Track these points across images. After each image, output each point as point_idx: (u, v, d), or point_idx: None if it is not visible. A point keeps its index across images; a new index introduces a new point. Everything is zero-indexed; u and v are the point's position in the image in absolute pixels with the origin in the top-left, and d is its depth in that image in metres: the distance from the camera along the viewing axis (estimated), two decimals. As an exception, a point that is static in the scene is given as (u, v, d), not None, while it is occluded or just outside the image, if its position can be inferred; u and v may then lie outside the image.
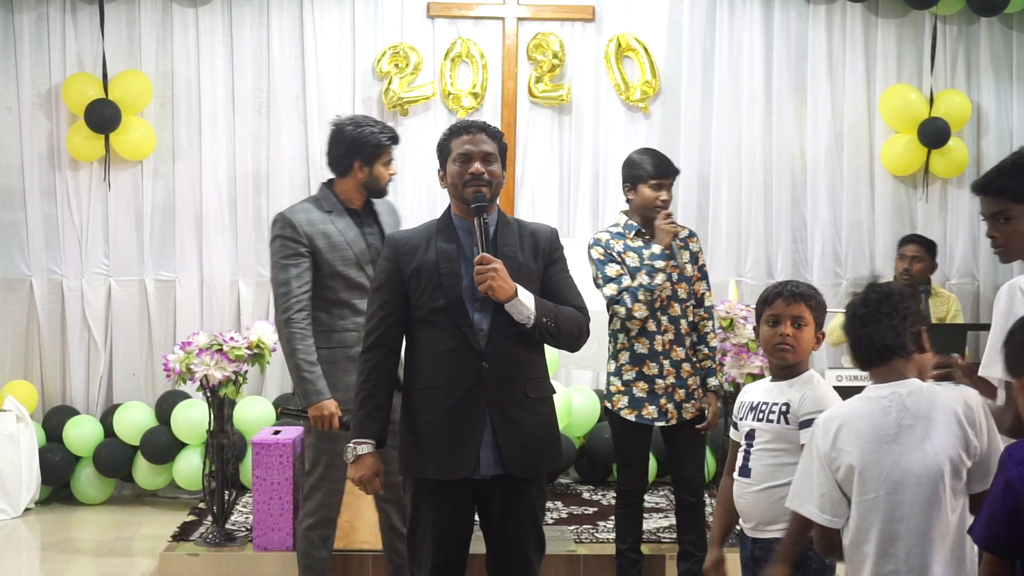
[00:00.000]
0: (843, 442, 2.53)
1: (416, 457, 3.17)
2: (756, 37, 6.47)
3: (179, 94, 6.34)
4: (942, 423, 2.46)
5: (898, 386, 2.53)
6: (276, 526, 4.82)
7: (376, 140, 3.99)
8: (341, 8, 6.35)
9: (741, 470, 3.07)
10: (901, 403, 2.50)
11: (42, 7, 6.26)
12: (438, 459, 3.12)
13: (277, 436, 4.90)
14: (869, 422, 2.52)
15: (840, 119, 6.53)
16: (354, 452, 3.21)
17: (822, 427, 2.60)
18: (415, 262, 3.20)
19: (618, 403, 4.33)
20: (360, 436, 3.21)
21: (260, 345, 4.93)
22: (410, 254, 3.21)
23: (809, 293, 3.09)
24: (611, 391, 4.37)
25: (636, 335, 4.29)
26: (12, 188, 6.29)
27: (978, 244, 6.59)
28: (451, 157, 3.27)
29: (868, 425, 2.52)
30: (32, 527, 5.79)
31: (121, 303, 6.34)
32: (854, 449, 2.51)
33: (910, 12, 6.49)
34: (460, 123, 3.32)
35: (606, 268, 4.33)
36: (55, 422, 6.17)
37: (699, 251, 4.41)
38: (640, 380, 4.28)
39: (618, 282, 4.28)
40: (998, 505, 2.21)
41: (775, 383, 3.08)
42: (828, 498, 2.56)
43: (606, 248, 4.35)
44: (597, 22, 6.38)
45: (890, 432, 2.49)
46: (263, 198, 6.36)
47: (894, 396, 2.52)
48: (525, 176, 6.42)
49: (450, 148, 3.28)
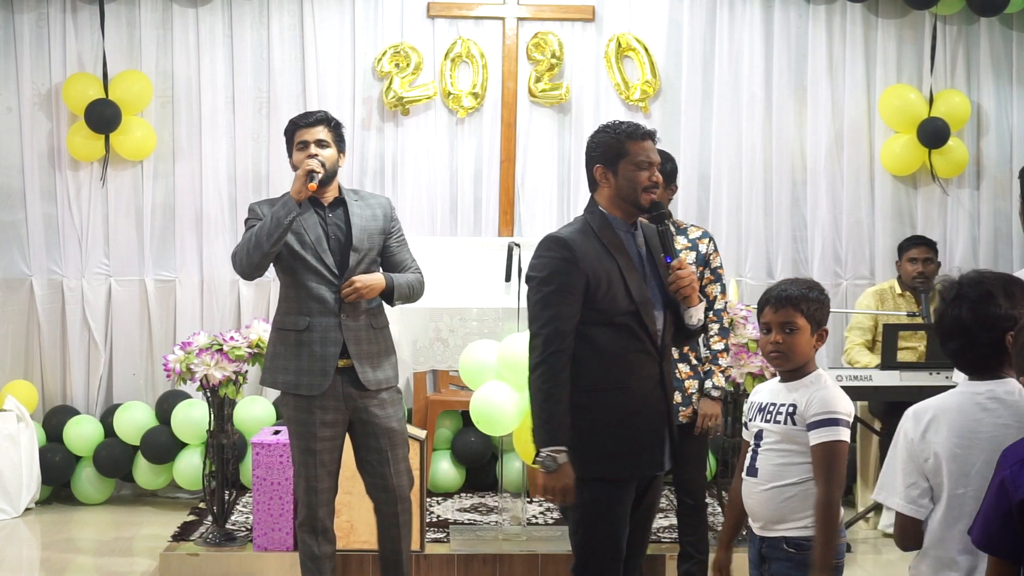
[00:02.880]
0: (933, 433, 2.52)
1: (606, 458, 3.17)
2: (756, 37, 6.47)
3: (179, 94, 6.34)
4: None
5: (997, 384, 2.53)
6: (276, 526, 4.82)
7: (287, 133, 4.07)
8: (341, 8, 6.36)
9: (748, 469, 3.07)
10: (999, 402, 2.50)
11: (42, 7, 6.26)
12: (633, 459, 3.18)
13: (277, 436, 4.90)
14: (964, 416, 2.51)
15: (840, 119, 6.53)
16: (555, 461, 3.08)
17: (912, 417, 2.57)
18: (595, 265, 3.18)
19: None
20: (557, 443, 3.09)
21: (260, 345, 4.92)
22: (587, 257, 3.18)
23: (800, 295, 3.02)
24: None
25: None
26: (12, 188, 6.29)
27: (978, 244, 6.60)
28: (629, 160, 3.25)
29: (962, 419, 2.51)
30: (32, 527, 5.79)
31: (121, 303, 6.34)
32: (944, 441, 2.50)
33: (910, 12, 6.50)
34: (638, 128, 3.32)
35: None
36: (55, 422, 6.18)
37: (711, 252, 4.31)
38: None
39: None
40: (992, 506, 2.23)
41: (783, 384, 3.07)
42: (916, 487, 2.55)
43: None
44: (597, 22, 6.39)
45: (984, 430, 2.48)
46: (263, 198, 6.34)
47: (991, 394, 2.51)
48: (525, 176, 6.42)
49: (627, 151, 3.26)
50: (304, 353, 3.91)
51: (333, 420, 3.94)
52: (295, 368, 3.92)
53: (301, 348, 3.91)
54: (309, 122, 4.00)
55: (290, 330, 3.94)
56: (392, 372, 4.06)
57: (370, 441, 4.00)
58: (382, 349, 4.04)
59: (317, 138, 3.97)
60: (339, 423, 3.96)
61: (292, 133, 4.03)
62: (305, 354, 3.91)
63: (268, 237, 3.85)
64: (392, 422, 4.01)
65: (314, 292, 3.92)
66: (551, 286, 3.16)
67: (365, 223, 4.01)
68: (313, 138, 3.97)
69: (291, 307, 3.96)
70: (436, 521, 5.34)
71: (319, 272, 3.92)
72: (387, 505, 4.04)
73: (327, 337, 3.91)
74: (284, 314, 3.98)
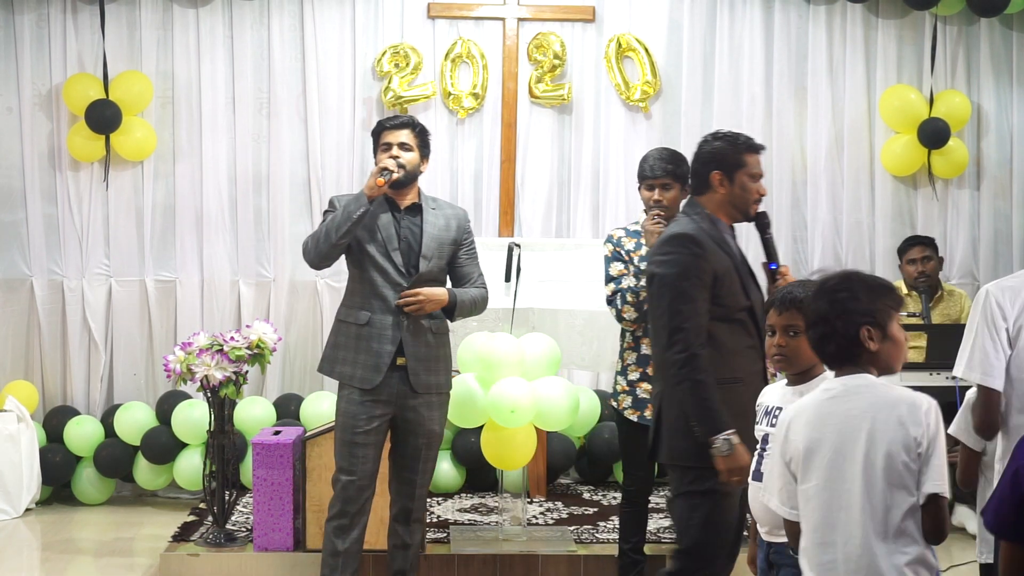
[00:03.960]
0: (793, 432, 2.59)
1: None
2: (756, 37, 6.47)
3: (179, 94, 6.34)
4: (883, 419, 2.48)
5: (852, 379, 2.56)
6: (276, 526, 4.82)
7: (374, 134, 4.20)
8: (341, 8, 6.36)
9: (754, 474, 3.07)
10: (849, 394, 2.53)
11: (43, 8, 6.26)
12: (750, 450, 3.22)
13: (277, 436, 4.91)
14: (816, 411, 2.57)
15: (840, 119, 6.53)
16: (731, 444, 3.26)
17: (780, 422, 2.66)
18: (720, 263, 3.40)
19: (623, 403, 4.34)
20: (724, 428, 3.28)
21: (260, 345, 4.93)
22: (713, 254, 3.40)
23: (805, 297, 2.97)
24: (616, 390, 4.37)
25: (642, 335, 4.28)
26: (13, 188, 6.29)
27: (978, 244, 6.60)
28: (745, 171, 3.49)
29: (815, 414, 2.57)
30: (32, 527, 5.79)
31: (121, 303, 6.34)
32: (800, 438, 2.56)
33: (910, 12, 6.49)
34: (753, 141, 3.57)
35: (609, 266, 4.33)
36: (56, 422, 6.17)
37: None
38: (644, 381, 4.27)
39: (617, 282, 4.28)
40: (1006, 492, 2.31)
41: (789, 387, 3.07)
42: (786, 491, 2.61)
43: (616, 245, 4.35)
44: (597, 22, 6.39)
45: (833, 422, 2.53)
46: (263, 198, 6.36)
47: (844, 386, 2.55)
48: (525, 176, 6.41)
49: (744, 162, 3.50)
50: (362, 347, 4.03)
51: (381, 414, 4.05)
52: (352, 360, 4.04)
53: (360, 342, 4.03)
54: (395, 124, 4.13)
55: (351, 323, 4.06)
56: (445, 378, 4.18)
57: (409, 438, 4.12)
58: (440, 354, 4.15)
59: (400, 141, 4.09)
60: (385, 419, 4.07)
61: (379, 134, 4.15)
62: (363, 348, 4.03)
63: (337, 230, 3.96)
64: (435, 424, 4.14)
65: (378, 290, 4.03)
66: (688, 281, 3.34)
67: (438, 232, 4.12)
68: (396, 140, 4.09)
69: (355, 301, 4.08)
70: (436, 521, 5.34)
71: (385, 271, 4.03)
72: (406, 499, 4.16)
73: (385, 335, 4.02)
74: (348, 307, 4.10)
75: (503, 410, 4.51)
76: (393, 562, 4.23)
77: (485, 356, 4.59)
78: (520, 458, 4.75)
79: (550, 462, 5.95)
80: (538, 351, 4.72)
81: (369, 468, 4.06)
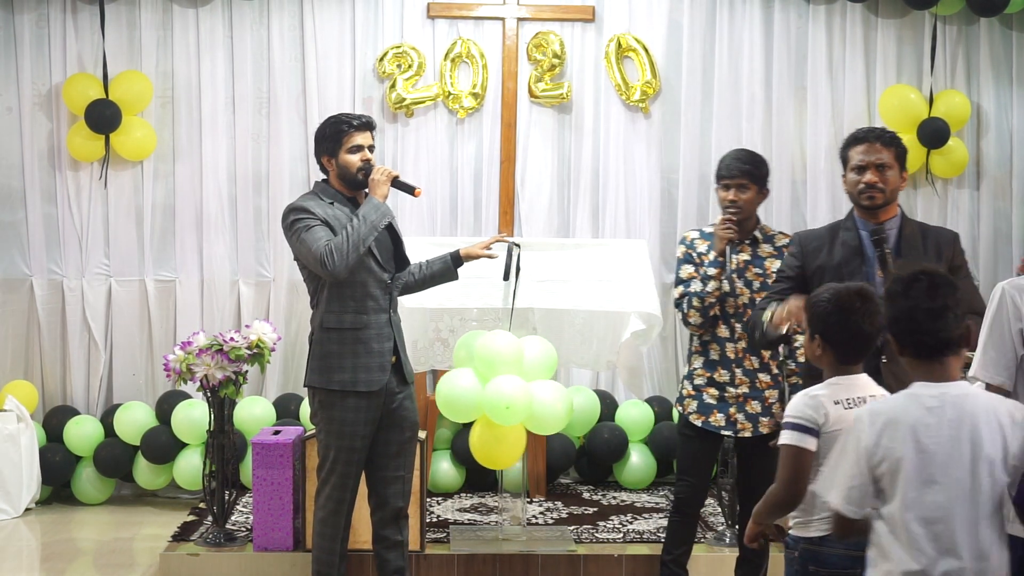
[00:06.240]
0: (889, 438, 2.53)
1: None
2: (756, 37, 6.47)
3: (179, 94, 6.34)
4: (986, 429, 2.50)
5: (948, 387, 2.55)
6: (276, 526, 4.82)
7: (334, 130, 4.07)
8: (341, 8, 6.36)
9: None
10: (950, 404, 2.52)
11: (43, 7, 6.26)
12: None
13: (277, 436, 4.91)
14: (916, 421, 2.53)
15: (840, 119, 6.53)
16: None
17: (867, 420, 2.58)
18: (819, 260, 3.59)
19: (688, 407, 4.25)
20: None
21: (260, 345, 4.93)
22: (816, 252, 3.56)
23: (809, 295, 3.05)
24: (682, 394, 4.30)
25: (709, 340, 4.22)
26: (12, 188, 6.29)
27: (978, 243, 6.60)
28: (849, 166, 3.59)
29: (915, 424, 2.52)
30: (32, 527, 5.79)
31: (121, 303, 6.34)
32: (899, 446, 2.51)
33: (910, 12, 6.49)
34: (858, 132, 3.65)
35: (680, 269, 4.27)
36: (55, 422, 6.18)
37: None
38: (710, 386, 4.21)
39: (686, 285, 4.21)
40: None
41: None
42: (857, 490, 2.56)
43: (688, 247, 4.28)
44: (597, 22, 6.39)
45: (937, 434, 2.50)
46: (263, 198, 6.37)
47: (944, 397, 2.53)
48: (525, 176, 6.41)
49: (847, 157, 3.61)
50: (362, 350, 4.00)
51: (375, 418, 4.06)
52: (350, 366, 3.99)
53: (359, 346, 4.00)
54: (362, 125, 4.08)
55: (347, 329, 4.01)
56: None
57: (392, 435, 4.12)
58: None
59: (369, 143, 4.09)
60: (376, 420, 4.07)
61: (345, 134, 4.04)
62: (363, 351, 4.00)
63: (364, 241, 3.92)
64: (415, 415, 4.21)
65: (369, 290, 4.03)
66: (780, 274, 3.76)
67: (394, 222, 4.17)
68: (366, 143, 4.08)
69: (347, 306, 4.01)
70: (436, 521, 5.34)
71: (371, 269, 4.03)
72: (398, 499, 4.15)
73: (382, 333, 4.04)
74: (339, 313, 4.02)
75: (498, 406, 4.50)
76: (392, 562, 4.19)
77: (484, 353, 4.57)
78: (509, 457, 4.73)
79: (550, 462, 5.95)
80: (535, 354, 4.71)
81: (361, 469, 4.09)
